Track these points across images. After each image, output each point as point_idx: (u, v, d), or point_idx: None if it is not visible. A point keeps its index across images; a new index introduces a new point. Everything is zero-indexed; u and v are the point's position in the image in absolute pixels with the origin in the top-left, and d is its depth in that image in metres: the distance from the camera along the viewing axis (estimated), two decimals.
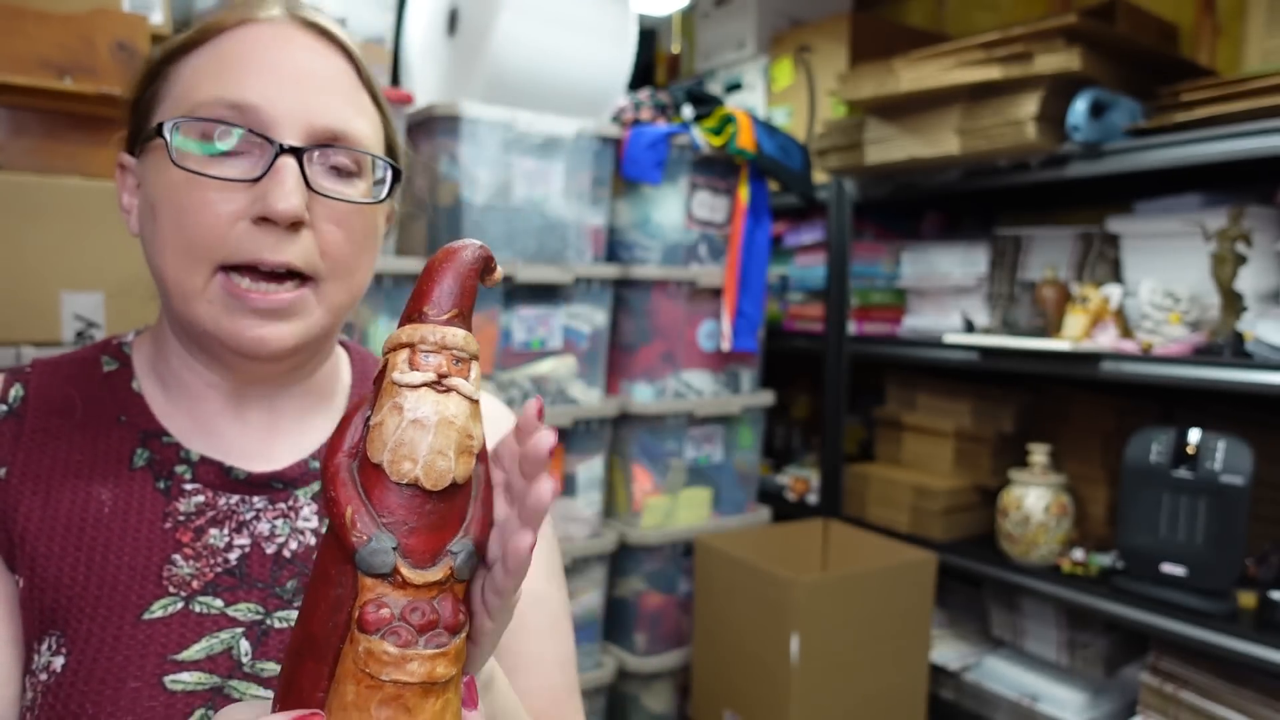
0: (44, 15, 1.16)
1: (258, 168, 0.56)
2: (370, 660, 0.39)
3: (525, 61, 1.73)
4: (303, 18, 0.61)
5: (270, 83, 0.57)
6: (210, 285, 0.56)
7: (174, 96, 0.59)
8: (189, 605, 0.56)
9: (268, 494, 0.63)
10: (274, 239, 0.56)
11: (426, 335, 0.43)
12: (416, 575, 0.40)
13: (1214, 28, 2.08)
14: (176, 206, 0.56)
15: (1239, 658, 1.50)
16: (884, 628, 1.81)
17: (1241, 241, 1.57)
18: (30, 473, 0.58)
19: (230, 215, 0.55)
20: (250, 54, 0.58)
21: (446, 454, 0.41)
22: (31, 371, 0.63)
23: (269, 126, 0.56)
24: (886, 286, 2.32)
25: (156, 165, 0.58)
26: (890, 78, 1.90)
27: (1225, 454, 1.58)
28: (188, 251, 0.56)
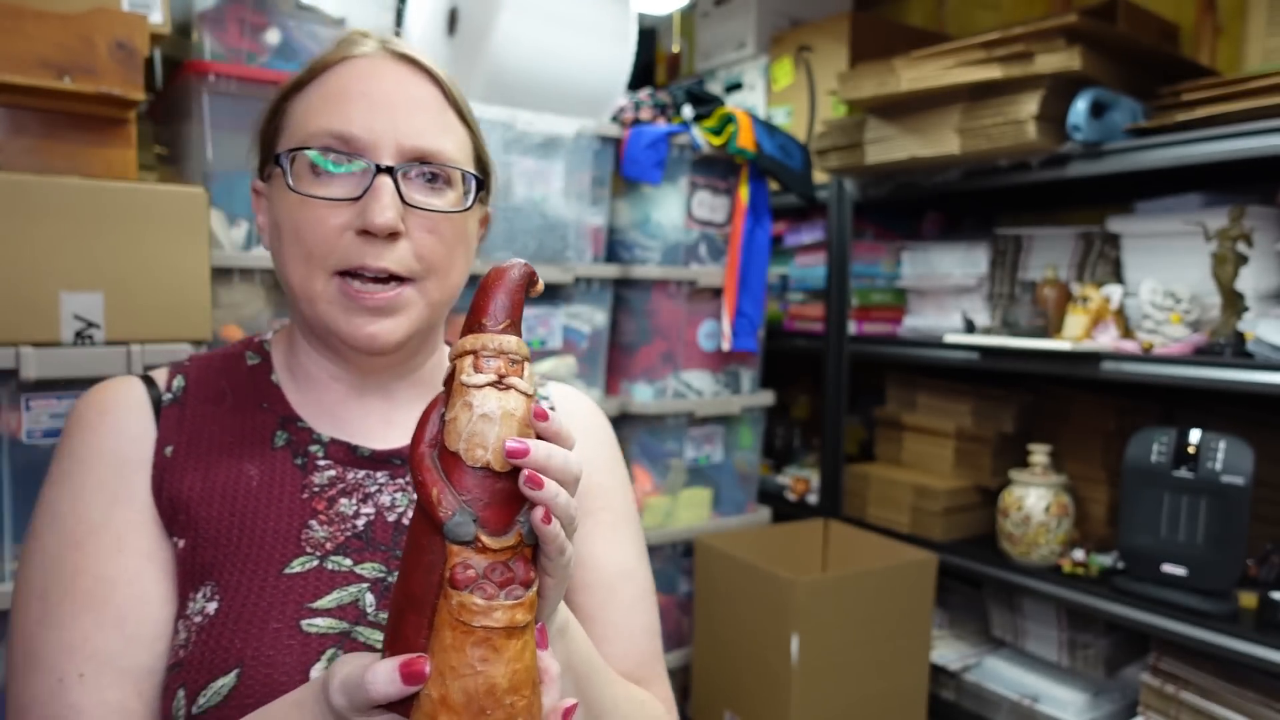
0: (43, 14, 1.16)
1: (360, 187, 0.66)
2: (463, 611, 0.48)
3: (525, 61, 1.73)
4: (394, 50, 0.71)
5: (366, 112, 0.67)
6: (328, 288, 0.67)
7: (290, 129, 0.69)
8: (323, 563, 0.66)
9: (388, 469, 0.72)
10: (375, 248, 0.66)
11: (486, 343, 0.52)
12: (494, 541, 0.49)
13: (1215, 27, 2.08)
14: (295, 223, 0.67)
15: (1240, 658, 1.50)
16: (884, 628, 1.81)
17: (1242, 241, 1.57)
18: (192, 451, 0.69)
19: (339, 228, 0.66)
20: (349, 88, 0.68)
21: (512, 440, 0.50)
22: (190, 365, 0.75)
23: (367, 150, 0.66)
24: (887, 286, 2.31)
25: (279, 189, 0.69)
26: (890, 77, 1.90)
27: (1226, 454, 1.57)
28: (307, 261, 0.66)
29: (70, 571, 0.64)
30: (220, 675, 0.60)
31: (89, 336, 1.16)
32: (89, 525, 0.65)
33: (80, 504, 0.66)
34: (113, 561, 0.65)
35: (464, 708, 0.47)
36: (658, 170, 1.89)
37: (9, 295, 1.11)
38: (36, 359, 1.11)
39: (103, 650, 0.62)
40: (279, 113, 0.72)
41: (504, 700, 0.47)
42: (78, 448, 0.68)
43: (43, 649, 0.62)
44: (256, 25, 1.52)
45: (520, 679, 0.48)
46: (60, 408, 1.16)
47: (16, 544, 1.14)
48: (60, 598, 0.63)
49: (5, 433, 1.12)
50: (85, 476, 0.67)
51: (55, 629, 0.62)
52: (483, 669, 0.47)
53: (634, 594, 0.80)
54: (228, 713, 0.59)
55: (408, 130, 0.67)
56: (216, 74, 1.44)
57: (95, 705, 0.60)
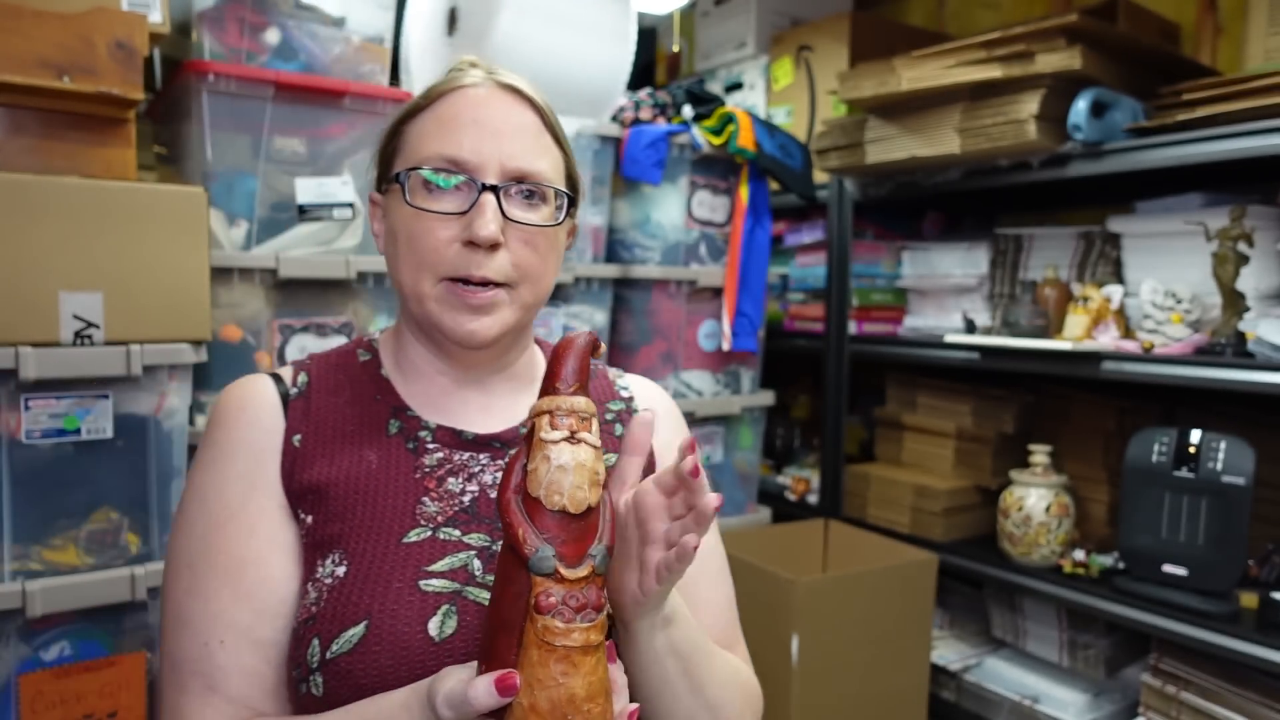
0: (42, 14, 1.16)
1: (466, 203, 0.75)
2: (546, 632, 0.57)
3: (525, 61, 1.73)
4: (499, 81, 0.79)
5: (475, 137, 0.76)
6: (436, 289, 0.76)
7: (407, 150, 0.79)
8: (436, 534, 0.75)
9: (489, 451, 0.81)
10: (479, 257, 0.75)
11: (560, 404, 0.61)
12: (570, 573, 0.58)
13: (1215, 27, 2.08)
14: (409, 233, 0.76)
15: (1241, 658, 1.50)
16: (884, 628, 1.80)
17: (1243, 241, 1.56)
18: (318, 439, 0.79)
19: (448, 239, 0.75)
20: (460, 115, 0.77)
21: (583, 487, 0.60)
22: (310, 363, 0.85)
23: (474, 170, 0.75)
24: (887, 286, 2.31)
25: (396, 203, 0.78)
26: (891, 77, 1.90)
27: (1227, 454, 1.57)
28: (419, 266, 0.76)
29: (213, 550, 0.74)
30: (350, 626, 0.70)
31: (88, 336, 1.16)
32: (229, 510, 0.75)
33: (222, 490, 0.76)
34: (246, 544, 0.74)
35: (549, 714, 0.56)
36: (658, 170, 1.89)
37: (8, 295, 1.11)
38: (36, 359, 1.11)
39: (239, 622, 0.72)
40: (397, 134, 0.81)
41: (582, 707, 0.57)
42: (220, 439, 0.78)
43: (191, 615, 0.73)
44: (256, 25, 1.52)
45: (595, 689, 0.58)
46: (60, 408, 1.15)
47: (16, 544, 1.14)
48: (205, 571, 0.74)
49: (5, 433, 1.12)
50: (226, 466, 0.77)
51: (201, 599, 0.73)
52: (564, 681, 0.57)
53: (717, 568, 0.91)
54: (356, 659, 0.69)
55: (510, 153, 0.76)
56: (216, 74, 1.44)
57: (236, 668, 0.71)
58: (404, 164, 0.78)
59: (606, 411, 0.89)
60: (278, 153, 1.53)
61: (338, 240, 1.58)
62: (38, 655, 1.16)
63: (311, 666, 0.70)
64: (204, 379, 1.45)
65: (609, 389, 0.92)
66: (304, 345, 1.55)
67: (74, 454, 1.17)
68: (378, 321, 1.63)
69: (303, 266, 1.51)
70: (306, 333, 1.55)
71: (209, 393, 1.47)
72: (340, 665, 0.69)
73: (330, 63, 1.59)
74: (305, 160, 1.56)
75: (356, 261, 1.56)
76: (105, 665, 1.20)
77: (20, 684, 1.14)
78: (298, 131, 1.54)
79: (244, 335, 1.49)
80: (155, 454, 1.23)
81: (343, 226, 1.58)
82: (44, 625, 1.16)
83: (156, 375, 1.22)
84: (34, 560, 1.16)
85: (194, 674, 0.72)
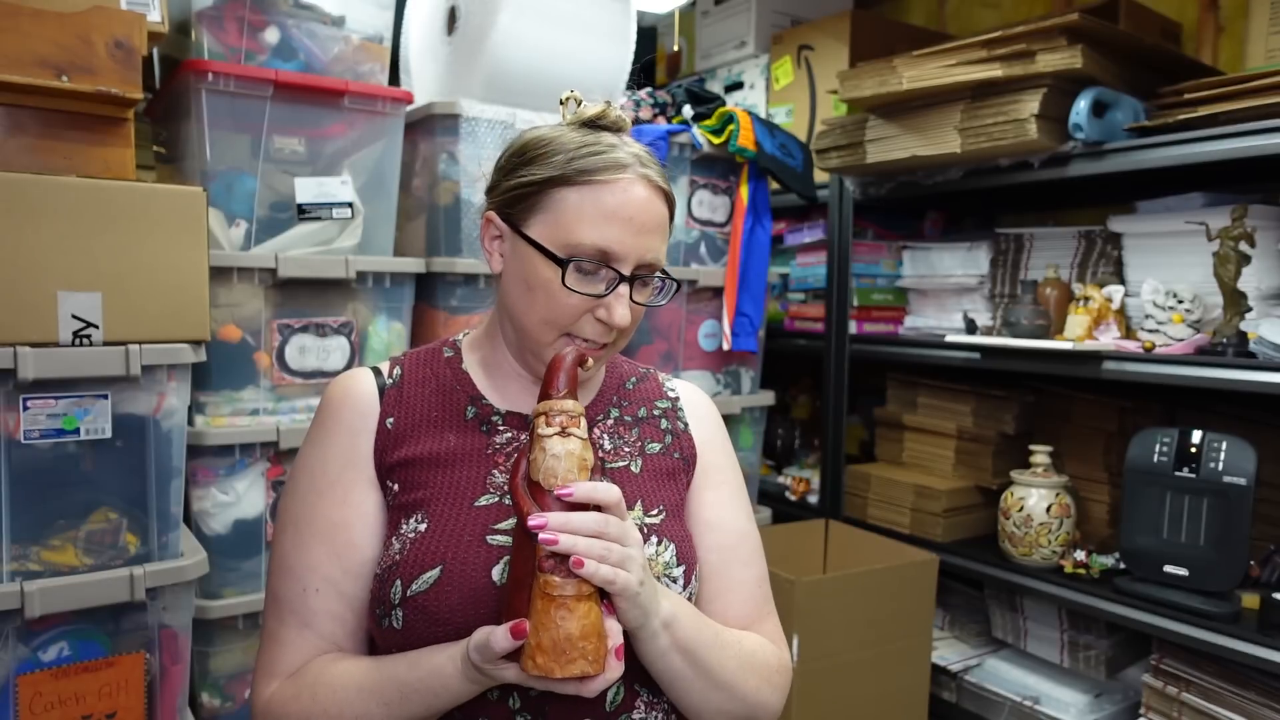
0: (41, 13, 1.15)
1: (605, 285, 0.87)
2: (547, 586, 0.72)
3: (524, 60, 1.73)
4: (654, 183, 0.89)
5: (623, 233, 0.86)
6: (558, 341, 0.89)
7: (560, 220, 0.87)
8: (502, 499, 0.89)
9: None
10: (603, 329, 0.88)
11: (553, 406, 0.77)
12: None
13: (1217, 26, 2.07)
14: (549, 294, 0.87)
15: (1242, 659, 1.50)
16: (885, 628, 1.80)
17: (1244, 241, 1.56)
18: (408, 422, 0.93)
19: (581, 309, 0.87)
20: (619, 212, 0.86)
21: (573, 471, 0.75)
22: (404, 358, 0.99)
23: (617, 262, 0.86)
24: (887, 286, 2.31)
25: (540, 262, 0.87)
26: (891, 76, 1.90)
27: (1228, 454, 1.57)
28: (549, 323, 0.88)
29: (313, 512, 0.90)
30: (428, 570, 0.83)
31: (87, 336, 1.16)
32: (328, 480, 0.91)
33: (325, 464, 0.91)
34: (339, 510, 0.89)
35: (551, 650, 0.71)
36: None
37: (7, 295, 1.11)
38: (34, 359, 1.10)
39: (330, 576, 0.88)
40: (546, 192, 0.88)
41: (577, 644, 0.71)
42: (326, 421, 0.93)
43: (293, 564, 0.89)
44: (255, 24, 1.52)
45: (588, 630, 0.72)
46: (58, 408, 1.15)
47: (14, 544, 1.14)
48: (306, 530, 0.89)
49: (3, 433, 1.12)
50: (328, 444, 0.92)
51: (302, 551, 0.89)
52: (562, 624, 0.71)
53: (749, 550, 1.01)
54: (431, 597, 0.82)
55: (646, 249, 0.88)
56: (215, 73, 1.43)
57: (325, 612, 0.88)
58: (558, 233, 0.87)
59: (654, 408, 1.01)
60: (277, 152, 1.53)
61: (337, 240, 1.58)
62: (36, 656, 1.16)
63: (394, 603, 0.83)
64: (203, 379, 1.45)
65: (658, 389, 1.04)
66: (303, 345, 1.54)
67: (73, 454, 1.17)
68: (377, 321, 1.62)
69: (302, 266, 1.50)
70: (306, 332, 1.55)
71: (208, 392, 1.47)
72: (418, 601, 0.82)
73: (329, 62, 1.59)
74: (304, 160, 1.56)
75: (356, 261, 1.55)
76: (104, 666, 1.20)
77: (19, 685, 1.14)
78: (297, 131, 1.54)
79: (243, 335, 1.49)
80: (154, 454, 1.22)
81: (342, 226, 1.58)
82: (43, 626, 1.15)
83: (155, 375, 1.21)
84: (33, 561, 1.15)
85: (291, 611, 0.88)
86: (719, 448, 1.05)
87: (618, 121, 0.93)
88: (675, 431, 1.00)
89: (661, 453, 0.97)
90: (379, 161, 1.63)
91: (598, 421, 0.96)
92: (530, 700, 0.83)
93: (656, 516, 0.92)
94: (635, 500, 0.92)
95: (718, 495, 1.01)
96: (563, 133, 0.90)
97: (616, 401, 0.99)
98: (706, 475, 1.00)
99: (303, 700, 0.84)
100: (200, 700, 1.49)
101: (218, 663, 1.51)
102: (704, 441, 1.03)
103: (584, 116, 0.92)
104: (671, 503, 0.94)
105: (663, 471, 0.96)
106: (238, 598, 1.49)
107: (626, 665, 0.86)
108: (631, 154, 0.89)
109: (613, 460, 0.94)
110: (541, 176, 0.88)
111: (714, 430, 1.06)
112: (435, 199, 1.70)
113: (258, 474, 1.51)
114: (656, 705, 0.89)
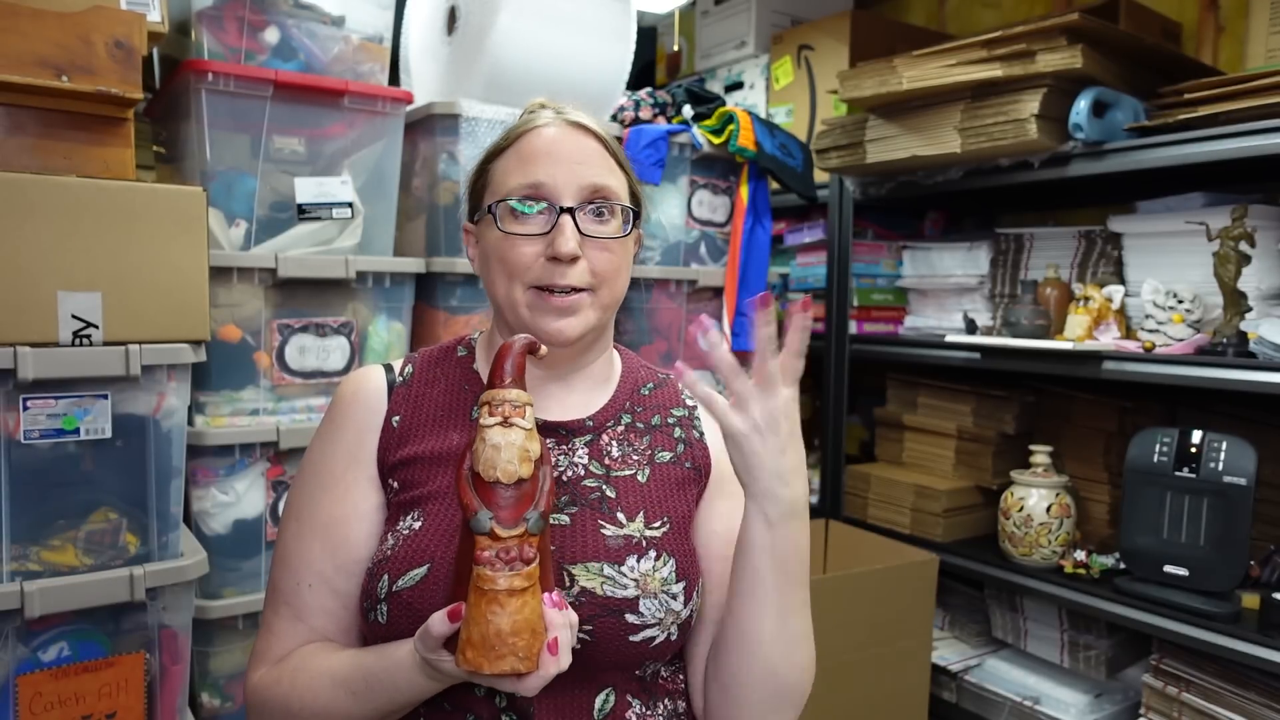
0: (40, 13, 1.15)
1: (548, 224, 0.88)
2: (480, 579, 0.70)
3: (524, 60, 1.73)
4: (567, 119, 0.92)
5: (550, 166, 0.89)
6: (526, 296, 0.89)
7: (494, 184, 0.92)
8: None
9: (555, 437, 0.93)
10: (561, 268, 0.88)
11: (495, 396, 0.75)
12: (504, 531, 0.71)
13: (1217, 26, 2.07)
14: (501, 252, 0.89)
15: (1242, 659, 1.50)
16: (885, 629, 1.80)
17: (1244, 241, 1.56)
18: (414, 421, 0.93)
19: (534, 255, 0.88)
20: (537, 150, 0.90)
21: (513, 462, 0.73)
22: (417, 356, 1.00)
23: (552, 195, 0.88)
24: (888, 286, 2.31)
25: (488, 229, 0.91)
26: (891, 76, 1.90)
27: (1228, 454, 1.57)
28: (511, 279, 0.89)
29: (313, 507, 0.91)
30: (416, 567, 0.83)
31: (87, 336, 1.16)
32: (331, 477, 0.92)
33: (329, 460, 0.93)
34: (338, 507, 0.90)
35: (480, 644, 0.69)
36: (657, 170, 1.89)
37: (6, 295, 1.11)
38: (34, 359, 1.10)
39: (323, 572, 0.89)
40: (484, 173, 0.94)
41: (507, 640, 0.69)
42: (336, 416, 0.95)
43: (291, 556, 0.90)
44: (255, 24, 1.52)
45: (520, 626, 0.70)
46: (58, 408, 1.15)
47: (14, 544, 1.14)
48: (305, 524, 0.91)
49: (3, 433, 1.12)
50: (335, 441, 0.93)
51: (300, 545, 0.90)
52: (492, 619, 0.69)
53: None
54: (417, 593, 0.82)
55: (582, 174, 0.89)
56: (215, 73, 1.43)
57: (318, 607, 0.89)
58: (493, 196, 0.91)
59: (669, 416, 1.00)
60: (277, 152, 1.53)
61: (337, 240, 1.58)
62: (36, 656, 1.16)
63: (379, 598, 0.84)
64: (203, 379, 1.44)
65: (675, 396, 1.03)
66: (303, 345, 1.54)
67: (73, 454, 1.17)
68: (377, 321, 1.62)
69: (302, 266, 1.50)
70: (305, 332, 1.55)
71: (208, 392, 1.47)
72: (403, 597, 0.83)
73: (329, 62, 1.59)
74: (304, 160, 1.56)
75: (355, 261, 1.55)
76: (104, 666, 1.20)
77: (18, 685, 1.14)
78: (297, 131, 1.54)
79: (243, 335, 1.49)
80: (154, 454, 1.22)
81: (342, 226, 1.58)
82: (42, 626, 1.15)
83: (155, 375, 1.21)
84: (32, 561, 1.15)
85: (285, 603, 0.90)
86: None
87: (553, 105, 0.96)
88: (689, 440, 0.98)
89: (672, 461, 0.96)
90: (379, 161, 1.63)
91: (608, 427, 0.95)
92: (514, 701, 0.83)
93: (659, 529, 0.90)
94: (638, 511, 0.90)
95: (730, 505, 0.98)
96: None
97: (629, 407, 0.98)
98: (720, 486, 0.99)
99: (282, 685, 0.86)
100: (200, 700, 1.49)
101: (218, 663, 1.51)
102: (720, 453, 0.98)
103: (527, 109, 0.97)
104: (678, 514, 0.93)
105: (671, 481, 0.94)
106: (238, 598, 1.49)
107: (619, 674, 0.86)
108: (552, 111, 0.93)
109: (619, 468, 0.93)
110: (480, 162, 0.95)
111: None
112: (435, 199, 1.70)
113: (258, 474, 1.51)
114: (651, 717, 0.88)
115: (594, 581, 0.84)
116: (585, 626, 0.82)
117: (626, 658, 0.85)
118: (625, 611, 0.83)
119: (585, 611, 0.82)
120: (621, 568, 0.85)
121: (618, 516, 0.89)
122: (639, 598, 0.84)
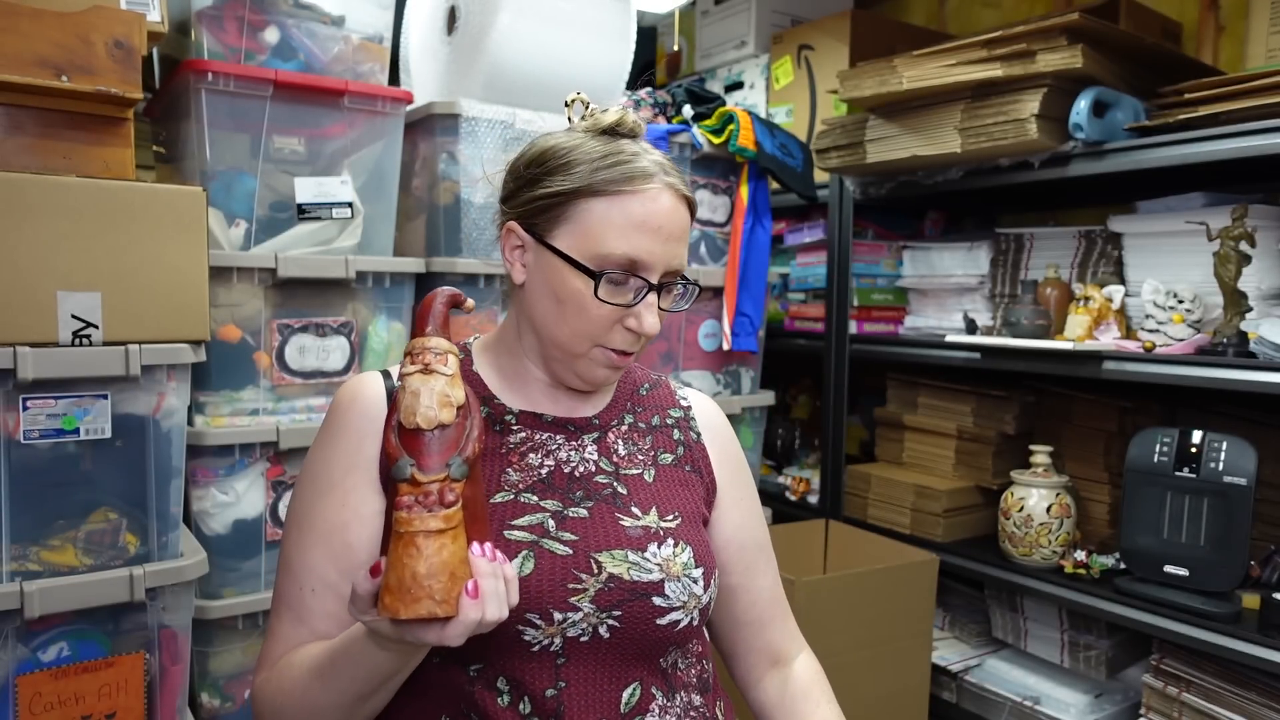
0: (40, 13, 1.15)
1: (634, 295, 0.88)
2: (398, 523, 0.69)
3: (524, 60, 1.73)
4: (680, 191, 0.90)
5: (652, 243, 0.87)
6: (589, 351, 0.90)
7: (587, 228, 0.87)
8: (518, 497, 0.90)
9: (564, 434, 0.95)
10: (633, 338, 0.90)
11: (417, 344, 0.76)
12: (424, 477, 0.71)
13: (1217, 25, 2.07)
14: (580, 306, 0.88)
15: (1242, 659, 1.50)
16: (885, 629, 1.80)
17: (1245, 241, 1.56)
18: None
19: (612, 320, 0.88)
20: (648, 221, 0.87)
21: (433, 407, 0.73)
22: None
23: (646, 271, 0.88)
24: (888, 286, 2.31)
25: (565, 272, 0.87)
26: (891, 76, 1.89)
27: (1228, 455, 1.57)
28: (583, 335, 0.89)
29: (314, 514, 0.91)
30: None
31: (86, 336, 1.16)
32: (330, 483, 0.91)
33: (328, 466, 0.92)
34: (338, 513, 0.90)
35: (397, 588, 0.68)
36: None
37: (6, 295, 1.11)
38: (34, 359, 1.10)
39: (326, 577, 0.89)
40: (571, 200, 0.88)
41: (423, 583, 0.68)
42: (334, 423, 0.94)
43: (294, 563, 0.91)
44: (255, 24, 1.52)
45: (436, 569, 0.68)
46: (58, 408, 1.15)
47: (14, 544, 1.14)
48: (307, 530, 0.91)
49: (3, 433, 1.12)
50: (334, 447, 0.92)
51: (302, 551, 0.90)
52: (408, 562, 0.68)
53: (769, 558, 1.07)
54: None
55: (673, 256, 0.90)
56: (215, 73, 1.43)
57: (321, 611, 0.89)
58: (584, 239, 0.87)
59: (667, 417, 1.02)
60: (277, 152, 1.53)
61: (337, 240, 1.58)
62: (36, 656, 1.15)
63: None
64: (203, 379, 1.44)
65: (670, 398, 1.04)
66: (303, 345, 1.54)
67: (72, 454, 1.17)
68: (377, 321, 1.62)
69: (302, 266, 1.50)
70: (305, 333, 1.55)
71: (208, 392, 1.47)
72: None
73: (329, 62, 1.59)
74: (304, 159, 1.56)
75: (355, 261, 1.55)
76: (104, 666, 1.20)
77: (18, 685, 1.14)
78: (297, 131, 1.54)
79: (243, 335, 1.49)
80: (154, 454, 1.22)
81: (342, 226, 1.58)
82: (42, 626, 1.15)
83: (155, 375, 1.21)
84: (32, 561, 1.15)
85: (288, 608, 0.90)
86: (735, 466, 1.06)
87: (634, 127, 0.93)
88: (688, 443, 1.01)
89: (674, 464, 0.98)
90: (379, 161, 1.63)
91: (612, 426, 0.97)
92: (542, 703, 0.83)
93: (672, 521, 0.93)
94: (650, 506, 0.93)
95: (739, 511, 1.04)
96: (582, 141, 0.90)
97: (630, 407, 1.00)
98: (725, 494, 1.02)
99: (273, 683, 0.87)
100: (200, 700, 1.49)
101: (217, 663, 1.51)
102: (721, 463, 1.04)
103: (602, 124, 0.92)
104: (688, 510, 0.96)
105: (675, 482, 0.97)
106: (237, 598, 1.49)
107: (644, 666, 0.88)
108: (655, 162, 0.90)
109: (627, 467, 0.95)
110: (567, 188, 0.88)
111: (731, 444, 1.07)
112: (435, 199, 1.70)
113: (257, 474, 1.51)
114: (670, 709, 0.89)
115: (620, 567, 0.87)
116: (614, 612, 0.85)
117: (654, 643, 0.87)
118: (653, 595, 0.87)
119: (614, 596, 0.85)
120: (644, 554, 0.88)
121: (632, 510, 0.92)
122: (664, 580, 0.88)
